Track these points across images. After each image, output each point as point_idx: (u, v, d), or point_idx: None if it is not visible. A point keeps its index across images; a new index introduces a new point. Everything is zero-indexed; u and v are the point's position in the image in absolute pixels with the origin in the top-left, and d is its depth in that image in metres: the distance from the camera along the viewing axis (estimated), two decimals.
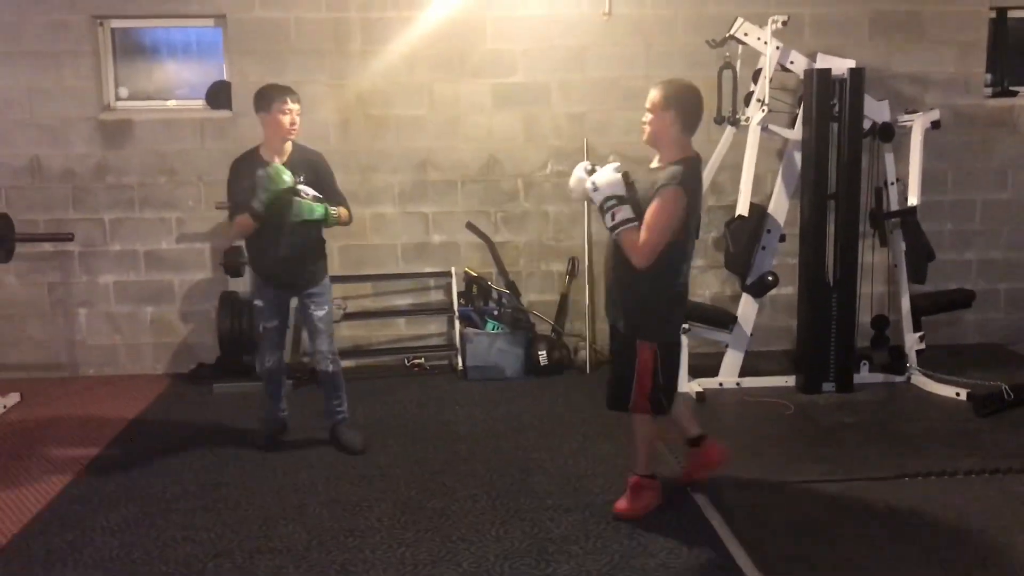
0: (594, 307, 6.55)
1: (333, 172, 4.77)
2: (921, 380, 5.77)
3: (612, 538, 3.75)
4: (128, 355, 6.54)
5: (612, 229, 3.66)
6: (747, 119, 5.59)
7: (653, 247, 3.59)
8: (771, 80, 5.52)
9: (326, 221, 4.60)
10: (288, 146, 4.60)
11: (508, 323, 6.33)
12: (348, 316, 6.44)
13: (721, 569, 3.50)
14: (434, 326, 6.65)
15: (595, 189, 3.67)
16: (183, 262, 6.48)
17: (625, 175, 3.69)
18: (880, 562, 3.55)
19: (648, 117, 3.73)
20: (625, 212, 3.62)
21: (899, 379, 5.84)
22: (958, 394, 5.46)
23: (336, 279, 6.36)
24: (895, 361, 5.91)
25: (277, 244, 4.55)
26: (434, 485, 4.36)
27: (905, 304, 5.91)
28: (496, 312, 6.40)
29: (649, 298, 3.75)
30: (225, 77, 6.48)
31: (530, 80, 6.44)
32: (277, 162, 4.49)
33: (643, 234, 3.59)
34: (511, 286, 6.58)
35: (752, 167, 5.43)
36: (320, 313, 4.72)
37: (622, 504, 3.95)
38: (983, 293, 6.54)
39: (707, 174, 5.89)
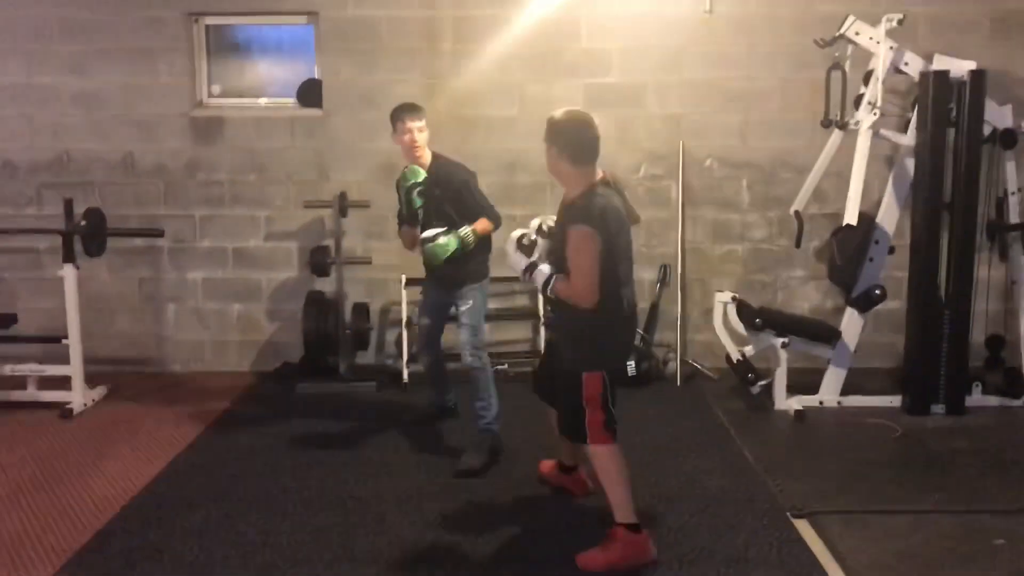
0: (685, 317, 6.31)
1: (471, 180, 4.66)
2: None
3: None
4: (214, 352, 6.55)
5: (543, 291, 3.67)
6: (856, 123, 5.28)
7: (587, 287, 3.45)
8: (883, 82, 5.21)
9: (462, 250, 4.50)
10: (426, 161, 4.64)
11: None
12: None
13: None
14: (519, 331, 6.49)
15: (514, 268, 3.72)
16: (271, 260, 6.46)
17: (520, 239, 3.68)
18: None
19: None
20: (541, 274, 3.61)
21: (1016, 403, 5.46)
22: None
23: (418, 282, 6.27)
24: (1011, 384, 5.54)
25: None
26: (521, 497, 4.22)
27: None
28: None
29: (594, 330, 3.56)
30: (316, 75, 6.45)
31: (625, 81, 6.24)
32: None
33: (572, 280, 3.50)
34: None
35: (862, 174, 5.13)
36: (464, 307, 4.66)
37: (587, 555, 3.52)
38: None
39: (811, 180, 5.64)
